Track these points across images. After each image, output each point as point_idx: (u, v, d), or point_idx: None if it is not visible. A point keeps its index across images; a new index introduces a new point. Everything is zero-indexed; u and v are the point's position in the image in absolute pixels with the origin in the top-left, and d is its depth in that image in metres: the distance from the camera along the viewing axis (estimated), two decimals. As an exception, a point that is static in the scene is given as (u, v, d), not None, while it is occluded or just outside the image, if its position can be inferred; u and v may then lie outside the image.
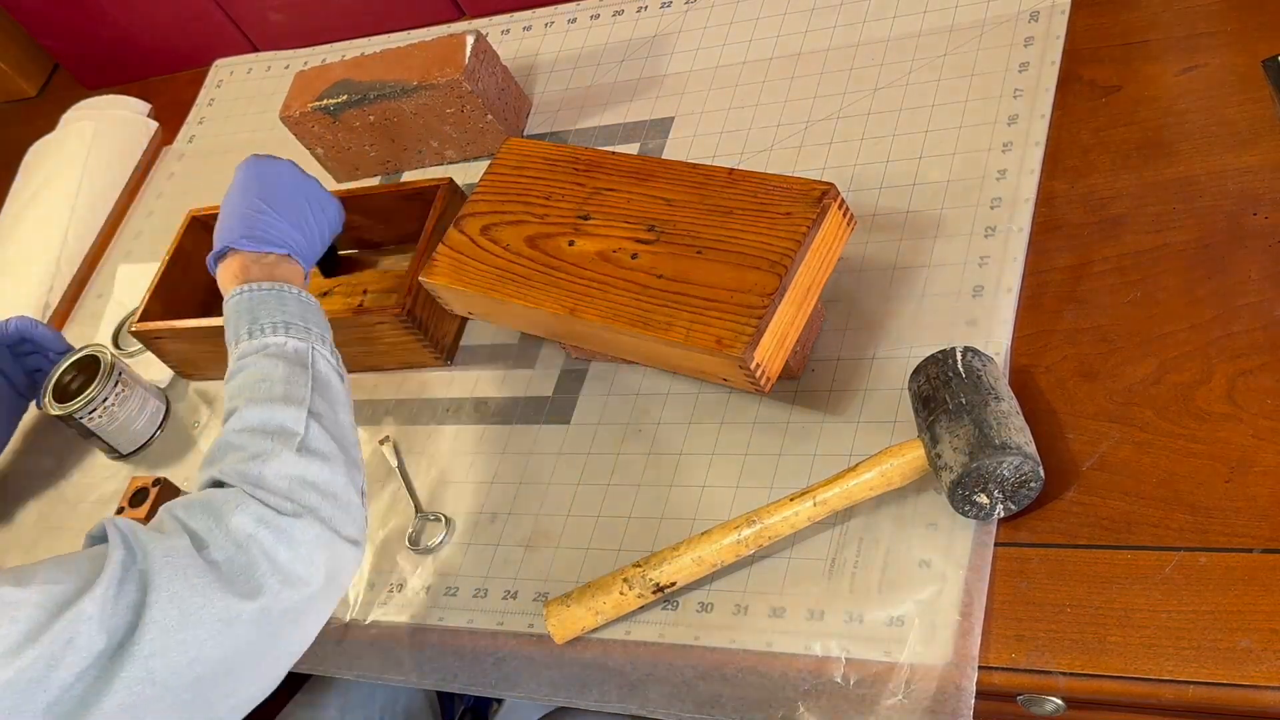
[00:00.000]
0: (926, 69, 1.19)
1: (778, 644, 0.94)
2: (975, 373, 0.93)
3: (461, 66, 1.32)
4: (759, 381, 0.96)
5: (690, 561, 0.97)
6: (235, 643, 0.87)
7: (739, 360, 0.95)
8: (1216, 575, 0.84)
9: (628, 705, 0.98)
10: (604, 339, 1.05)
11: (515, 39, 1.50)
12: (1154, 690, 0.82)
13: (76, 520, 1.36)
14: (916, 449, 0.93)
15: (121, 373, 1.34)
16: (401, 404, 1.25)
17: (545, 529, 1.09)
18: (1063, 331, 0.99)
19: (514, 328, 1.19)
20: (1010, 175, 1.08)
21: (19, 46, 1.96)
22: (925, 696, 0.87)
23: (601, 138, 1.34)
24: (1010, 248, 1.04)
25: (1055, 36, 1.14)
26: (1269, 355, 0.91)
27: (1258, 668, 0.80)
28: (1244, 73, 1.04)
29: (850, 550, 0.96)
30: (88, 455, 1.40)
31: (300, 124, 1.41)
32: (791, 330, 0.98)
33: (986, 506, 0.91)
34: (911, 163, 1.14)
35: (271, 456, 0.93)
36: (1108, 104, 1.09)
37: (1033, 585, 0.89)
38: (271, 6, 1.72)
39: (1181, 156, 1.03)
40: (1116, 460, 0.91)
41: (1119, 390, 0.94)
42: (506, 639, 1.05)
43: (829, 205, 0.97)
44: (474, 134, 1.38)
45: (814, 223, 0.97)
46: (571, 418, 1.15)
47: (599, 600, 0.99)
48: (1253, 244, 0.96)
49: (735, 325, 0.96)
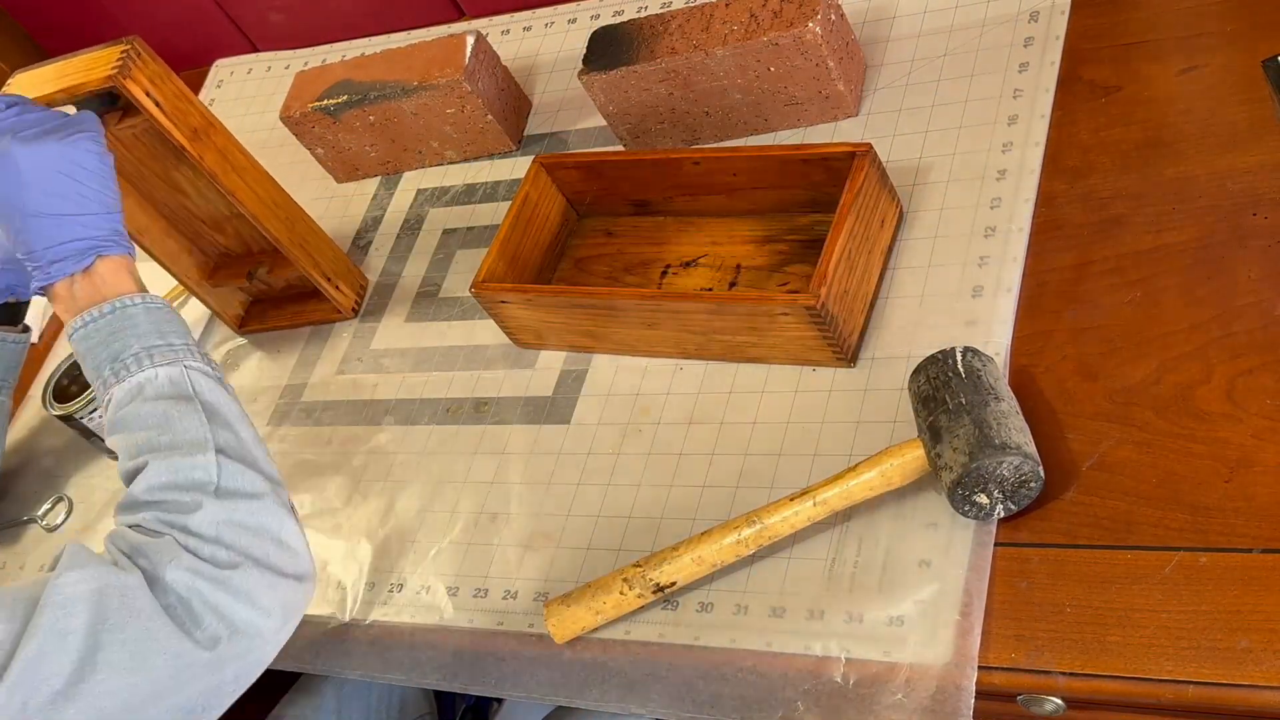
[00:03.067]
0: (926, 69, 1.19)
1: (778, 644, 0.94)
2: (975, 373, 0.93)
3: (461, 67, 1.32)
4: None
5: (690, 561, 0.97)
6: (187, 681, 0.86)
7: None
8: (1216, 575, 0.84)
9: (628, 705, 0.98)
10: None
11: (515, 39, 1.50)
12: (1154, 690, 0.82)
13: (76, 520, 1.36)
14: (916, 449, 0.93)
15: (121, 373, 1.34)
16: (401, 404, 1.25)
17: (545, 529, 1.09)
18: (1063, 331, 0.99)
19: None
20: (1010, 175, 1.08)
21: (19, 46, 1.96)
22: (925, 696, 0.87)
23: (601, 138, 1.34)
24: (1010, 248, 1.04)
25: (1055, 36, 1.14)
26: (1269, 355, 0.91)
27: (1257, 668, 0.80)
28: (1244, 73, 1.04)
29: (850, 550, 0.96)
30: (88, 455, 1.40)
31: (300, 124, 1.41)
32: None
33: (986, 506, 0.91)
34: (911, 163, 1.14)
35: (193, 509, 0.90)
36: (1108, 104, 1.09)
37: (1033, 585, 0.89)
38: (271, 6, 1.72)
39: (1181, 156, 1.03)
40: (1116, 460, 0.91)
41: (1119, 390, 0.94)
42: (506, 639, 1.05)
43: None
44: (474, 134, 1.38)
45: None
46: (571, 418, 1.15)
47: (599, 600, 0.99)
48: (1253, 244, 0.96)
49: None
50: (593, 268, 1.23)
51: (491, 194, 1.37)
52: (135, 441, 0.93)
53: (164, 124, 1.16)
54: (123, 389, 0.95)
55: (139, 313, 0.97)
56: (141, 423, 0.93)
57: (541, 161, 1.22)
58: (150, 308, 0.98)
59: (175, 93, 1.18)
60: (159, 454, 0.92)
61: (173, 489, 0.91)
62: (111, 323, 0.96)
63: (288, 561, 0.92)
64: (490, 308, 1.18)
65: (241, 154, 1.24)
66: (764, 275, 1.13)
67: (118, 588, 0.85)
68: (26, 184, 0.96)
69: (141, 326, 0.96)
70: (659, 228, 1.22)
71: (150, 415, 0.93)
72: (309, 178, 1.51)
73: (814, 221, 1.14)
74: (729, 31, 1.16)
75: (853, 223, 1.03)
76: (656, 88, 1.21)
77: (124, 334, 0.96)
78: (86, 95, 1.15)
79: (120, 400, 0.95)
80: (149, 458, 0.92)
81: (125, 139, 1.21)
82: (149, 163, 1.27)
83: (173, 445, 0.92)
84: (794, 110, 1.21)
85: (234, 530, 0.90)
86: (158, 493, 0.91)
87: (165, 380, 0.95)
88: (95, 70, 1.14)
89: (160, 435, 0.92)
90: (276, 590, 0.91)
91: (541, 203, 1.22)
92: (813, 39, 1.13)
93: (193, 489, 0.91)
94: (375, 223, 1.43)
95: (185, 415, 0.93)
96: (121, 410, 0.94)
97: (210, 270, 1.38)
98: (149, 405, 0.94)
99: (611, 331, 1.14)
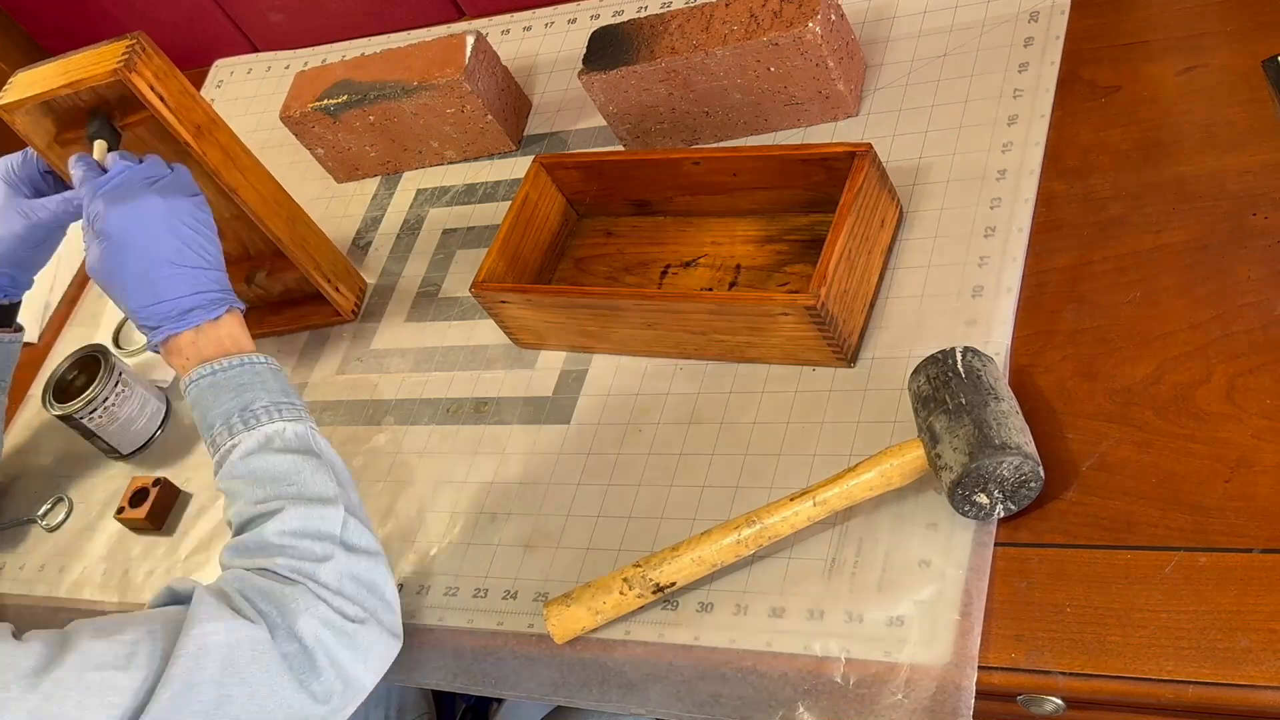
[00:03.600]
0: (926, 69, 1.19)
1: (777, 644, 0.94)
2: (975, 373, 0.93)
3: (461, 67, 1.32)
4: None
5: (690, 561, 0.97)
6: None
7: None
8: (1216, 575, 0.84)
9: (628, 705, 0.98)
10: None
11: (515, 39, 1.50)
12: (1153, 690, 0.82)
13: (76, 520, 1.36)
14: (916, 449, 0.93)
15: (121, 373, 1.34)
16: (401, 404, 1.25)
17: (545, 529, 1.09)
18: (1063, 331, 0.99)
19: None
20: (1010, 175, 1.08)
21: (19, 46, 1.96)
22: (925, 696, 0.87)
23: (601, 138, 1.34)
24: (1010, 248, 1.04)
25: (1055, 36, 1.14)
26: (1269, 355, 0.91)
27: (1257, 668, 0.80)
28: (1244, 73, 1.04)
29: (850, 550, 0.96)
30: (88, 455, 1.40)
31: (300, 124, 1.41)
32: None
33: (986, 506, 0.91)
34: (911, 163, 1.14)
35: (324, 558, 0.93)
36: (1107, 104, 1.09)
37: (1033, 585, 0.89)
38: (271, 6, 1.72)
39: (1181, 156, 1.03)
40: (1116, 460, 0.91)
41: (1119, 390, 0.94)
42: (506, 639, 1.05)
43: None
44: (474, 134, 1.38)
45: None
46: (571, 418, 1.15)
47: (599, 600, 0.99)
48: (1252, 244, 0.96)
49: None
50: (593, 268, 1.23)
51: (491, 194, 1.37)
52: (263, 488, 0.96)
53: (169, 119, 1.16)
54: (252, 437, 0.98)
55: (266, 370, 1.02)
56: (270, 472, 0.96)
57: (541, 161, 1.22)
58: (274, 369, 1.03)
59: (179, 89, 1.18)
60: (292, 502, 0.95)
61: (306, 536, 0.93)
62: (240, 375, 1.00)
63: (394, 622, 0.96)
64: (490, 308, 1.18)
65: (244, 152, 1.24)
66: (764, 275, 1.13)
67: (248, 642, 0.88)
68: (165, 234, 1.01)
69: (270, 383, 1.01)
70: (659, 228, 1.22)
71: (280, 465, 0.96)
72: (309, 178, 1.51)
73: (814, 221, 1.14)
74: (729, 31, 1.16)
75: (853, 223, 1.03)
76: (656, 88, 1.21)
77: (253, 387, 1.00)
78: (90, 122, 1.16)
79: (249, 448, 0.97)
80: (284, 504, 0.94)
81: (126, 138, 1.21)
82: (150, 163, 1.27)
83: (301, 496, 0.95)
84: (794, 110, 1.21)
85: (356, 585, 0.93)
86: (290, 538, 0.93)
87: (292, 435, 0.98)
88: (101, 65, 1.14)
89: (289, 486, 0.96)
90: (388, 649, 0.95)
91: (541, 203, 1.22)
92: (813, 39, 1.13)
93: (324, 539, 0.93)
94: (375, 223, 1.43)
95: (314, 470, 0.97)
96: (249, 458, 0.97)
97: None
98: (277, 456, 0.97)
99: (611, 331, 1.14)
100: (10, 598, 1.34)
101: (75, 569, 1.32)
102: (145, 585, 1.26)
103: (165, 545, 1.28)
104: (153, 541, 1.29)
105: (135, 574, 1.28)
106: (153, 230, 1.02)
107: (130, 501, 1.29)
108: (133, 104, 1.17)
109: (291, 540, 0.93)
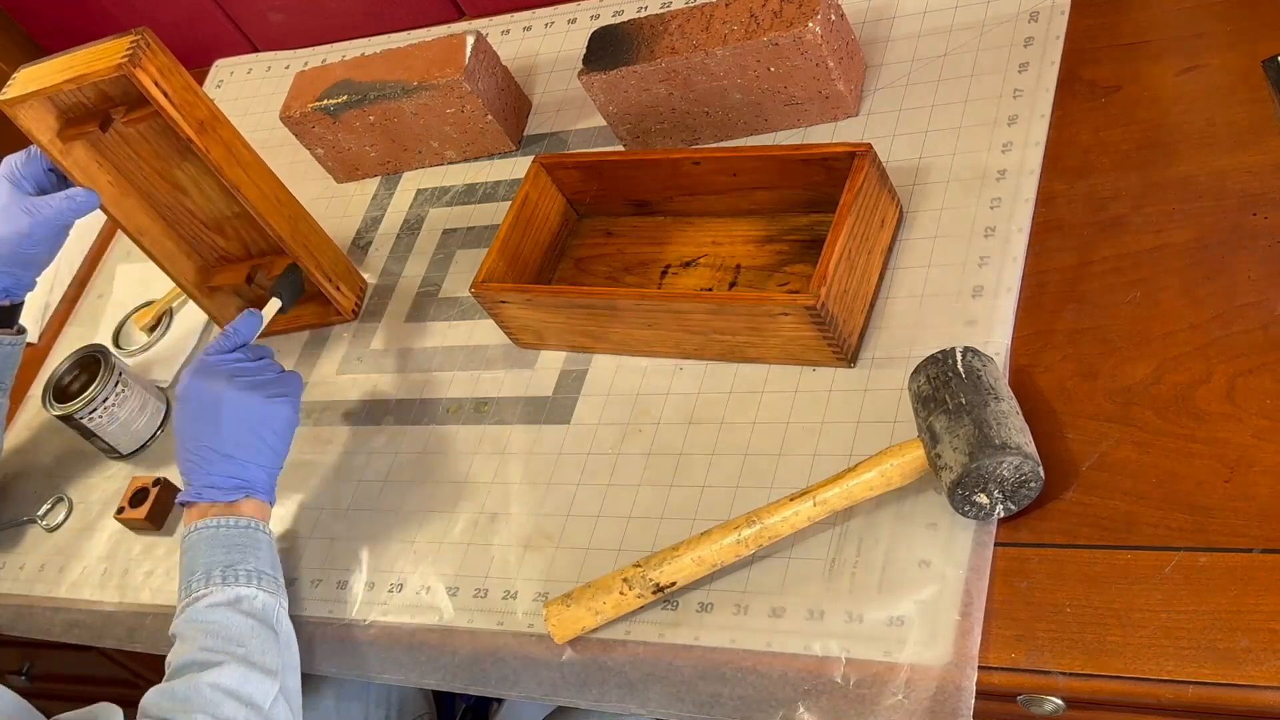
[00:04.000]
0: (926, 69, 1.19)
1: (778, 644, 0.94)
2: (975, 373, 0.93)
3: (461, 67, 1.32)
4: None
5: (690, 561, 0.97)
6: None
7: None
8: (1216, 575, 0.84)
9: (628, 705, 0.98)
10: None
11: (515, 39, 1.50)
12: (1154, 690, 0.82)
13: (76, 521, 1.36)
14: (916, 449, 0.93)
15: (121, 373, 1.34)
16: (401, 403, 1.25)
17: (545, 529, 1.09)
18: (1063, 331, 0.99)
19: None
20: (1010, 175, 1.08)
21: (19, 47, 1.96)
22: (925, 696, 0.87)
23: (601, 138, 1.34)
24: (1010, 248, 1.04)
25: (1055, 36, 1.14)
26: (1269, 355, 0.91)
27: (1257, 668, 0.80)
28: (1244, 73, 1.04)
29: (850, 550, 0.96)
30: (88, 455, 1.40)
31: (300, 124, 1.41)
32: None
33: (986, 506, 0.91)
34: (911, 163, 1.14)
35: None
36: (1107, 104, 1.09)
37: (1033, 585, 0.89)
38: (271, 6, 1.72)
39: (1181, 156, 1.03)
40: (1116, 460, 0.91)
41: (1119, 390, 0.94)
42: (506, 639, 1.05)
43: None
44: (474, 134, 1.38)
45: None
46: (571, 418, 1.15)
47: (599, 600, 0.99)
48: (1253, 244, 0.96)
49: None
50: (593, 268, 1.23)
51: (491, 194, 1.37)
52: (214, 639, 1.01)
53: (172, 115, 1.16)
54: (224, 593, 1.04)
55: (264, 540, 1.09)
56: (227, 629, 1.02)
57: (541, 161, 1.22)
58: (272, 543, 1.10)
59: (183, 85, 1.18)
60: (235, 662, 1.00)
61: (235, 698, 0.98)
62: (237, 535, 1.08)
63: None
64: (490, 308, 1.18)
65: (246, 149, 1.24)
66: (764, 275, 1.13)
67: None
68: (221, 426, 1.10)
69: (262, 553, 1.08)
70: (659, 228, 1.22)
71: (238, 626, 1.02)
72: (309, 178, 1.51)
73: (814, 221, 1.14)
74: (729, 31, 1.16)
75: (853, 223, 1.03)
76: (656, 88, 1.21)
77: (245, 549, 1.07)
78: (287, 270, 1.24)
79: (216, 600, 1.04)
80: (228, 659, 1.00)
81: (129, 136, 1.21)
82: (152, 161, 1.27)
83: (247, 659, 1.01)
84: (794, 110, 1.21)
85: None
86: (220, 694, 0.98)
87: (260, 604, 1.05)
88: (105, 61, 1.14)
89: (239, 646, 1.01)
90: None
91: (541, 203, 1.22)
92: (813, 39, 1.13)
93: (251, 707, 0.99)
94: (375, 223, 1.43)
95: (266, 641, 1.03)
96: (214, 609, 1.03)
97: (209, 274, 1.38)
98: (239, 617, 1.03)
99: (611, 331, 1.14)
100: (10, 598, 1.34)
101: (75, 569, 1.32)
102: (145, 585, 1.26)
103: (165, 545, 1.28)
104: (152, 541, 1.29)
105: (135, 574, 1.28)
106: (214, 420, 1.10)
107: (130, 501, 1.29)
108: (136, 100, 1.17)
109: (221, 696, 0.98)
